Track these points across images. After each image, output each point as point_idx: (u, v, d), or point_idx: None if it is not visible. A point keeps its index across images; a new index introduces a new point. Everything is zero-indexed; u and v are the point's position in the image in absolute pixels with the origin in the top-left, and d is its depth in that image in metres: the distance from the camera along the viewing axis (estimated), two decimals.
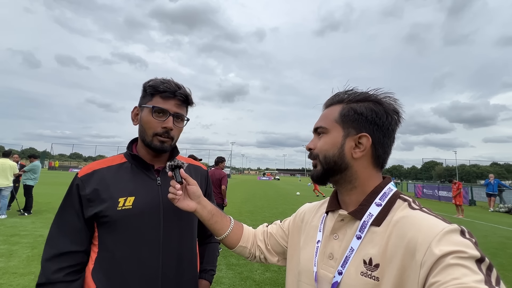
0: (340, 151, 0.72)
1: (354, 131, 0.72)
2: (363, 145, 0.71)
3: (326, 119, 0.76)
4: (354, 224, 0.70)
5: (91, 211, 0.91)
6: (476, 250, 0.52)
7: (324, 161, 0.74)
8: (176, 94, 0.97)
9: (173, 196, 0.87)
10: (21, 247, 4.77)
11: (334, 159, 0.72)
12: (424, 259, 0.53)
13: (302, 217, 0.91)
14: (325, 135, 0.75)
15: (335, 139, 0.73)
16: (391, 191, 0.71)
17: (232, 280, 3.84)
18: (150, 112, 0.96)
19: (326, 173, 0.74)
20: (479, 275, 0.48)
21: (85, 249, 0.93)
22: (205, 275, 1.17)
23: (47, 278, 0.87)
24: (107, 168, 0.99)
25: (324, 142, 0.74)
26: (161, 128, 0.96)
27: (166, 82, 0.98)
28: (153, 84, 0.97)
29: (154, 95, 0.97)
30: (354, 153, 0.71)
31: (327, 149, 0.73)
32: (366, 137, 0.70)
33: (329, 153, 0.73)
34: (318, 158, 0.75)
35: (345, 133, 0.72)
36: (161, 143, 0.97)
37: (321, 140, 0.75)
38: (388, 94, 0.73)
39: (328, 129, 0.75)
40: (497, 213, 12.54)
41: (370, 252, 0.63)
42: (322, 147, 0.74)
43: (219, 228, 0.92)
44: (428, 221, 0.59)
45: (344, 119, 0.73)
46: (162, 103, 0.96)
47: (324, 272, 0.71)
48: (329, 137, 0.74)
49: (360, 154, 0.71)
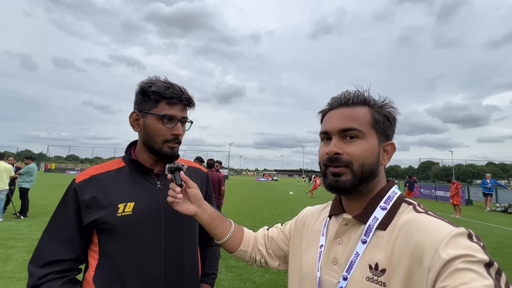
0: (377, 159, 0.69)
1: (384, 138, 0.71)
2: (389, 152, 0.71)
3: (359, 121, 0.68)
4: (359, 228, 0.69)
5: (90, 217, 0.89)
6: (484, 254, 0.51)
7: (360, 169, 0.67)
8: (181, 99, 0.96)
9: (172, 200, 0.85)
10: (17, 251, 4.71)
11: (373, 167, 0.68)
12: (432, 263, 0.52)
13: (304, 220, 0.89)
14: (360, 140, 0.68)
15: (373, 146, 0.68)
16: (395, 194, 0.70)
17: (231, 283, 3.82)
18: (158, 120, 0.94)
19: (360, 183, 0.67)
20: (488, 279, 0.47)
21: (76, 257, 0.91)
22: (207, 279, 1.16)
23: (33, 283, 0.84)
24: (105, 173, 0.97)
25: (363, 149, 0.67)
26: (171, 135, 0.95)
27: (171, 87, 0.95)
28: (157, 90, 0.93)
29: (159, 101, 0.94)
30: (383, 160, 0.71)
31: (366, 156, 0.67)
32: (392, 145, 0.72)
33: (368, 161, 0.67)
34: (351, 166, 0.67)
35: (379, 140, 0.71)
36: (172, 149, 0.97)
37: (357, 146, 0.67)
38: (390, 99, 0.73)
39: (364, 134, 0.68)
40: (493, 212, 12.62)
41: (376, 257, 0.62)
42: (360, 154, 0.67)
43: (219, 232, 0.91)
44: (435, 224, 0.58)
45: (377, 125, 0.70)
46: (169, 109, 0.94)
47: (328, 277, 0.69)
48: (367, 143, 0.68)
49: (387, 162, 0.72)
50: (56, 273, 0.86)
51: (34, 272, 0.85)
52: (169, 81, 0.99)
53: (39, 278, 0.84)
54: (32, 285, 0.84)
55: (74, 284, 0.89)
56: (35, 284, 0.84)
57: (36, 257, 0.88)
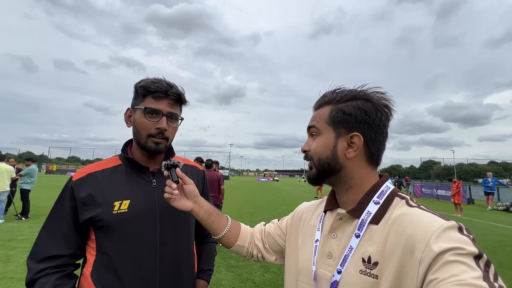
0: (333, 153, 0.72)
1: (345, 131, 0.71)
2: (355, 144, 0.70)
3: (317, 119, 0.76)
4: (353, 222, 0.69)
5: (86, 215, 0.91)
6: (474, 246, 0.52)
7: (318, 163, 0.74)
8: (168, 93, 0.95)
9: (169, 196, 0.86)
10: (19, 252, 4.73)
11: (328, 161, 0.72)
12: (423, 256, 0.53)
13: (300, 216, 0.90)
14: (317, 137, 0.75)
15: (328, 141, 0.73)
16: (388, 189, 0.70)
17: (231, 282, 3.82)
18: (142, 113, 0.94)
19: (321, 175, 0.75)
20: (477, 271, 0.48)
21: (73, 253, 0.92)
22: (203, 275, 1.17)
23: (31, 277, 0.87)
24: (102, 172, 0.98)
25: (317, 145, 0.75)
26: (155, 129, 0.95)
27: (158, 81, 0.96)
28: (144, 85, 0.95)
29: (146, 95, 0.95)
30: (347, 153, 0.71)
31: (320, 151, 0.74)
32: (357, 137, 0.70)
33: (322, 155, 0.73)
34: (313, 160, 0.75)
35: (337, 134, 0.72)
36: (156, 144, 0.96)
37: (314, 142, 0.76)
38: (376, 90, 0.73)
39: (320, 130, 0.75)
40: (495, 211, 12.59)
41: (369, 250, 0.63)
42: (315, 150, 0.75)
43: (216, 228, 0.92)
44: (427, 218, 0.59)
45: (334, 120, 0.72)
46: (155, 104, 0.94)
47: (323, 271, 0.70)
48: (322, 139, 0.74)
49: (354, 154, 0.71)
50: (52, 268, 0.88)
51: (32, 267, 0.88)
52: (160, 78, 0.99)
53: (36, 273, 0.86)
54: (30, 279, 0.87)
55: (70, 278, 0.91)
56: (33, 278, 0.86)
57: (34, 253, 0.90)
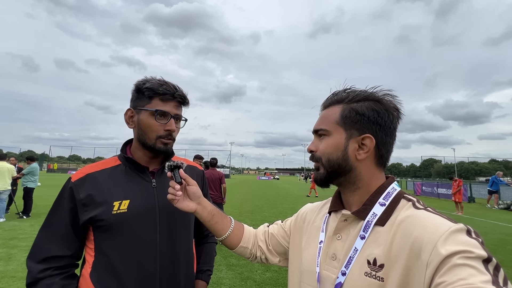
0: (343, 154, 0.70)
1: (356, 132, 0.70)
2: (366, 146, 0.69)
3: (327, 120, 0.74)
4: (358, 224, 0.68)
5: (86, 215, 0.90)
6: (483, 250, 0.50)
7: (327, 164, 0.72)
8: (175, 95, 0.97)
9: (172, 197, 0.85)
10: (20, 251, 4.75)
11: (338, 162, 0.71)
12: (430, 259, 0.52)
13: (304, 217, 0.89)
14: (327, 137, 0.73)
15: (338, 142, 0.71)
16: (394, 190, 0.69)
17: (232, 281, 3.83)
18: (151, 116, 0.95)
19: (329, 176, 0.73)
20: (486, 275, 0.47)
21: (73, 253, 0.93)
22: (202, 276, 1.17)
23: (33, 277, 0.87)
24: (101, 172, 0.98)
25: (327, 145, 0.72)
26: (164, 130, 0.96)
27: (164, 84, 0.97)
28: (151, 87, 0.95)
29: (152, 97, 0.96)
30: (358, 155, 0.70)
31: (330, 152, 0.71)
32: (369, 138, 0.69)
33: (332, 156, 0.71)
34: (321, 161, 0.73)
35: (348, 135, 0.71)
36: (165, 145, 0.98)
37: (323, 143, 0.73)
38: (387, 92, 0.72)
39: (329, 131, 0.72)
40: (496, 210, 12.58)
41: (374, 252, 0.62)
42: (325, 150, 0.72)
43: (219, 229, 0.91)
44: (434, 220, 0.58)
45: (345, 120, 0.71)
46: (162, 106, 0.96)
47: (327, 273, 0.69)
48: (332, 140, 0.72)
49: (364, 156, 0.69)
50: (55, 269, 0.89)
51: (33, 267, 0.88)
52: (164, 79, 1.00)
53: (37, 273, 0.87)
54: (32, 278, 0.87)
55: (73, 279, 0.92)
56: (35, 277, 0.87)
57: (33, 253, 0.90)
